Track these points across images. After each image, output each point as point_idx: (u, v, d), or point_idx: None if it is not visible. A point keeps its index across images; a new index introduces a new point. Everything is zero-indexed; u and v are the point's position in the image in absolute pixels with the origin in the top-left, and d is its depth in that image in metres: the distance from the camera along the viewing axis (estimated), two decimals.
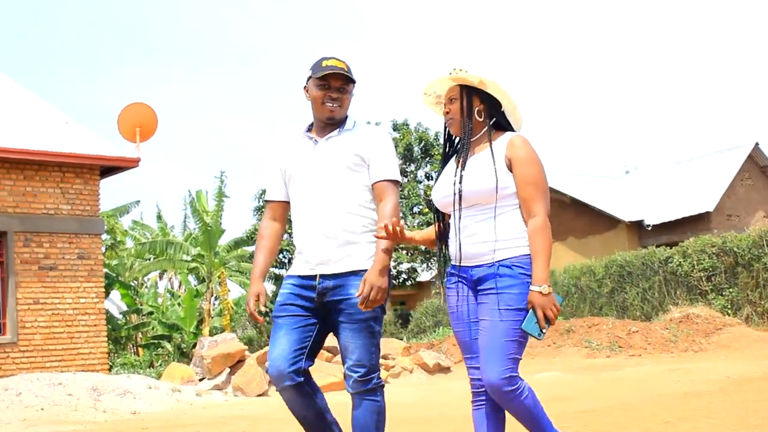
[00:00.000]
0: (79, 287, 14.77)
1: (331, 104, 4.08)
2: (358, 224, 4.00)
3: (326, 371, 12.85)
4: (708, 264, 19.71)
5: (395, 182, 4.09)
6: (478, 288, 3.74)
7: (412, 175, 27.68)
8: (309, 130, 4.22)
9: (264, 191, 28.44)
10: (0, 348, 13.90)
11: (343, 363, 4.00)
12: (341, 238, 3.97)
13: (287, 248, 26.90)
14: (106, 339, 15.13)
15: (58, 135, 15.15)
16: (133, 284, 28.87)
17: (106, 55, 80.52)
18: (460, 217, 3.78)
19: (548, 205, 3.73)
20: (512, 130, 3.90)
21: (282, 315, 4.02)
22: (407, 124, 28.30)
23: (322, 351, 14.26)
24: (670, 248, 21.03)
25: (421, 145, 27.54)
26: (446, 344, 18.17)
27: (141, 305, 27.62)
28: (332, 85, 4.10)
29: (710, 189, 28.32)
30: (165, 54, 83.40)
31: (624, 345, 16.41)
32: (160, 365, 21.79)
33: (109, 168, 15.43)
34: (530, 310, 3.58)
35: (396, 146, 27.39)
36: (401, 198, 27.75)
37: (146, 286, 31.08)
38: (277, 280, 27.87)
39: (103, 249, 24.18)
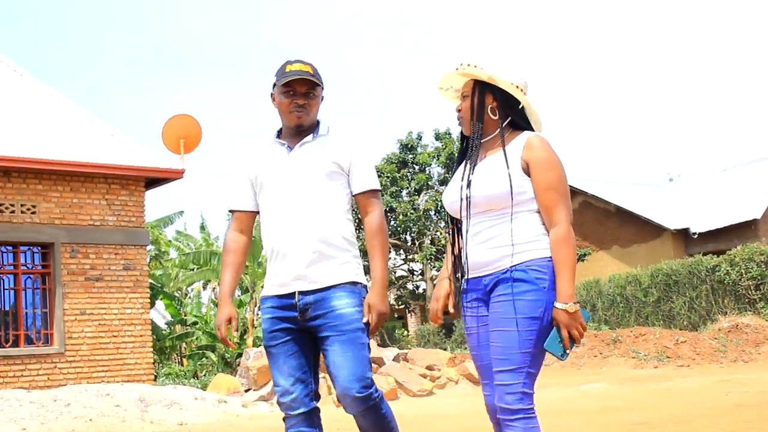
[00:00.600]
0: (124, 298, 14.86)
1: (297, 111, 3.81)
2: (336, 235, 3.76)
3: None
4: (756, 272, 19.42)
5: (378, 191, 3.89)
6: (491, 296, 3.42)
7: None
8: (279, 136, 3.94)
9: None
10: (48, 358, 14.02)
11: (334, 383, 3.69)
12: (318, 250, 3.72)
13: None
14: (151, 349, 15.21)
15: (103, 147, 15.27)
16: (177, 294, 29.04)
17: (150, 67, 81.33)
18: (469, 224, 3.47)
19: (571, 213, 3.43)
20: (531, 130, 3.58)
21: (273, 344, 3.79)
22: (449, 134, 28.28)
23: None
24: (717, 256, 20.75)
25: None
26: None
27: (185, 315, 27.76)
28: (297, 91, 3.82)
29: (757, 196, 27.90)
30: (209, 65, 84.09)
31: (672, 355, 16.21)
32: (205, 375, 21.87)
33: (154, 179, 15.53)
34: (554, 328, 3.28)
35: (438, 155, 27.43)
36: (440, 209, 27.66)
37: (190, 297, 31.25)
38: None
39: (148, 259, 24.38)
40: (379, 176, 25.51)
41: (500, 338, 3.32)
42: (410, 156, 28.87)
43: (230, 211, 4.02)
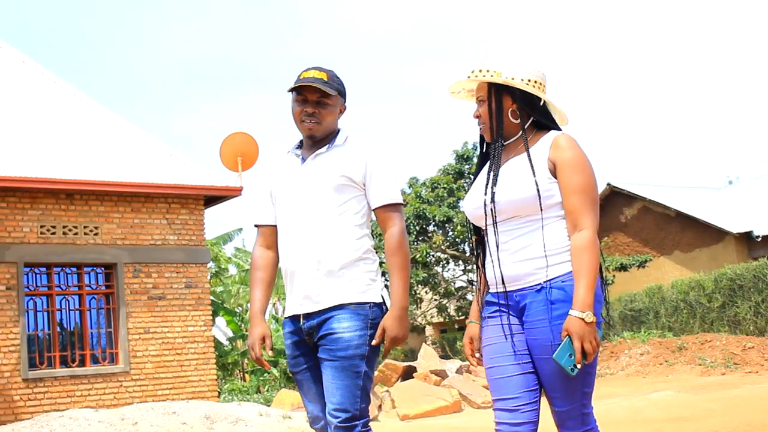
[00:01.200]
0: (187, 316, 14.98)
1: (308, 121, 3.62)
2: (346, 252, 3.54)
3: (435, 395, 12.75)
4: None
5: (398, 205, 3.62)
6: (525, 319, 3.18)
7: None
8: (299, 146, 3.77)
9: None
10: (113, 377, 14.18)
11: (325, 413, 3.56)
12: (326, 268, 3.53)
13: None
14: (214, 366, 15.32)
15: (162, 167, 15.44)
16: (237, 311, 29.25)
17: (206, 84, 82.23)
18: (496, 233, 3.24)
19: (597, 218, 3.16)
20: (557, 128, 3.35)
21: (297, 371, 3.66)
22: None
23: (429, 374, 14.18)
24: None
25: None
26: None
27: (246, 331, 27.92)
28: (309, 99, 3.61)
29: None
30: (265, 81, 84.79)
31: (740, 362, 15.90)
32: (267, 391, 21.97)
33: (213, 197, 15.65)
34: (567, 339, 3.00)
35: None
36: None
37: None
38: None
39: (209, 277, 24.58)
40: (435, 187, 25.71)
41: (548, 366, 3.12)
42: (466, 166, 28.79)
43: (255, 226, 3.85)
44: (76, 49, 78.01)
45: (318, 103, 3.61)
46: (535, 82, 3.30)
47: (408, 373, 14.30)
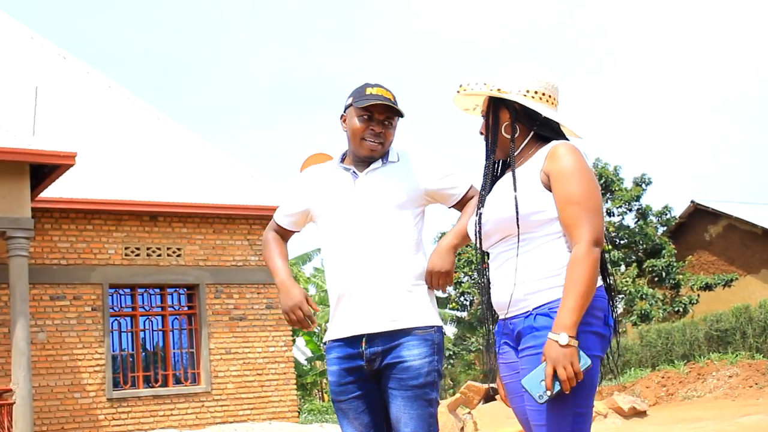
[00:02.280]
0: (267, 336, 15.05)
1: (372, 141, 3.44)
2: (409, 273, 3.40)
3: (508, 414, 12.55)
4: None
5: (473, 187, 3.56)
6: (519, 346, 2.91)
7: None
8: (343, 160, 3.58)
9: (442, 234, 28.69)
10: (195, 397, 14.29)
11: None
12: (389, 290, 3.36)
13: None
14: (295, 387, 15.35)
15: (244, 188, 15.58)
16: (316, 330, 29.34)
17: (289, 107, 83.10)
18: (485, 256, 3.05)
19: (598, 232, 2.81)
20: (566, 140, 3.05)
21: (344, 399, 3.46)
22: None
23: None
24: None
25: (602, 181, 26.90)
26: (639, 386, 17.51)
27: (325, 350, 28.03)
28: (376, 118, 3.44)
29: None
30: (341, 101, 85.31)
31: None
32: None
33: None
34: (542, 364, 2.70)
35: None
36: None
37: None
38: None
39: None
40: None
41: (529, 399, 2.80)
42: None
43: (274, 220, 3.74)
44: (160, 72, 79.58)
45: (384, 123, 3.46)
46: (536, 92, 3.02)
47: (490, 396, 14.12)
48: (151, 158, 15.61)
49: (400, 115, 3.49)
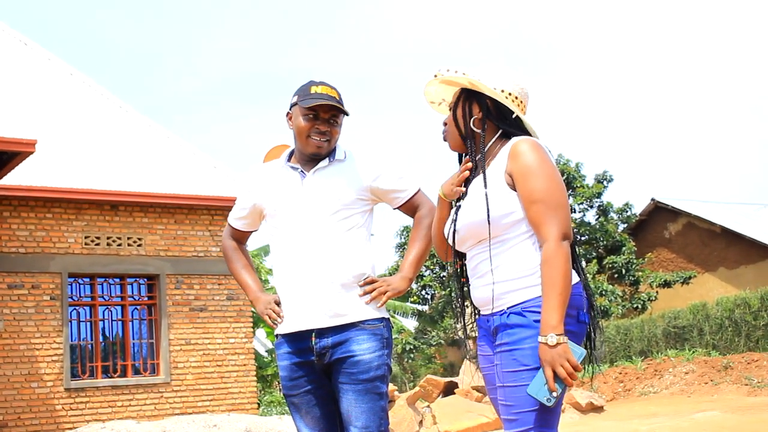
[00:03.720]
0: (228, 327, 15.00)
1: (318, 138, 3.47)
2: (356, 269, 3.45)
3: (477, 411, 12.63)
4: None
5: (419, 191, 3.59)
6: (495, 343, 2.95)
7: None
8: (290, 159, 3.61)
9: (405, 228, 28.72)
10: (154, 388, 14.22)
11: None
12: (337, 285, 3.41)
13: None
14: (255, 378, 15.31)
15: (206, 179, 15.50)
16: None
17: (250, 99, 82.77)
18: (459, 259, 3.09)
19: (565, 226, 2.82)
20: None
21: (295, 394, 3.50)
22: None
23: (471, 390, 14.06)
24: None
25: (563, 177, 27.04)
26: (597, 382, 17.69)
27: None
28: (321, 117, 3.48)
29: None
30: None
31: None
32: None
33: None
34: (541, 369, 2.75)
35: None
36: None
37: None
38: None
39: None
40: None
41: (504, 396, 2.86)
42: None
43: (228, 223, 3.81)
44: (122, 61, 78.91)
45: (329, 121, 3.49)
46: (509, 93, 3.02)
47: (449, 389, 14.19)
48: (112, 147, 15.48)
49: (345, 113, 3.53)
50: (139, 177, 14.80)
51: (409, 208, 3.61)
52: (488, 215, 2.90)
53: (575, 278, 2.91)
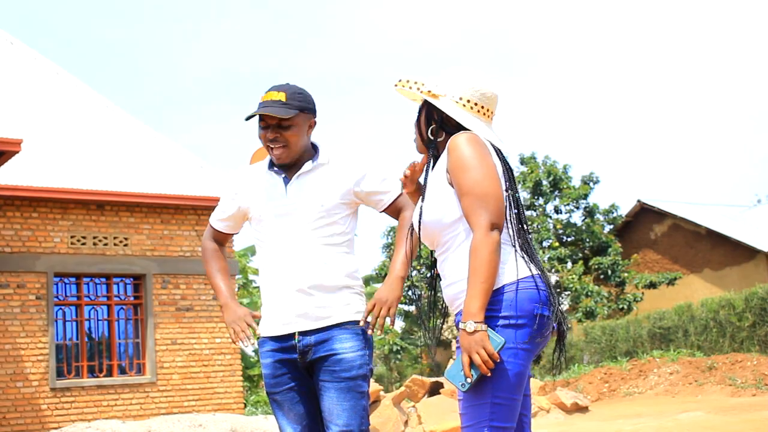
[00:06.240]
0: (214, 327, 15.00)
1: (273, 147, 3.42)
2: (340, 272, 3.47)
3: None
4: None
5: (403, 193, 3.52)
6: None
7: (540, 209, 27.29)
8: (272, 165, 3.56)
9: (392, 229, 28.74)
10: (140, 388, 14.21)
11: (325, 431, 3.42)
12: (320, 289, 3.43)
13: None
14: (241, 378, 15.32)
15: (193, 179, 15.50)
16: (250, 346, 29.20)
17: (236, 98, 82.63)
18: (427, 258, 3.14)
19: (494, 216, 2.82)
20: None
21: (277, 392, 3.51)
22: (535, 158, 27.95)
23: (449, 389, 14.08)
24: None
25: (550, 178, 27.14)
26: (582, 382, 17.74)
27: None
28: (269, 124, 3.41)
29: None
30: None
31: None
32: None
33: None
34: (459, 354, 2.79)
35: (524, 180, 27.12)
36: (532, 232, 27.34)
37: None
38: None
39: (236, 288, 24.59)
40: None
41: (458, 391, 2.88)
42: None
43: (210, 224, 3.78)
44: (109, 61, 78.70)
45: (279, 127, 3.40)
46: (468, 101, 3.04)
47: (435, 389, 14.21)
48: (98, 146, 15.46)
49: (298, 112, 3.41)
50: (126, 176, 14.79)
51: (394, 210, 3.58)
52: (419, 220, 2.98)
53: (525, 272, 2.91)
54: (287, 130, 3.40)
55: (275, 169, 3.53)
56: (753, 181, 71.76)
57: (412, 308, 29.18)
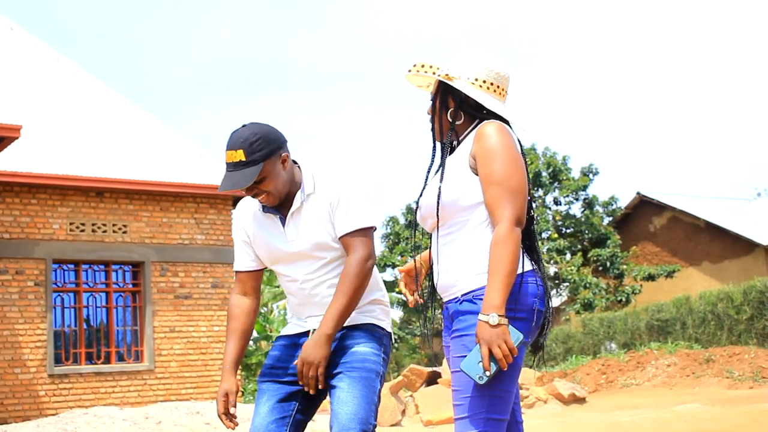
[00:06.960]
0: (212, 315, 15.01)
1: (257, 199, 3.36)
2: (361, 300, 3.36)
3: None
4: None
5: (364, 230, 3.31)
6: (451, 330, 2.95)
7: (540, 201, 27.30)
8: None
9: (391, 219, 28.77)
10: (138, 375, 14.22)
11: (332, 422, 3.24)
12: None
13: None
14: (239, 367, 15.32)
15: (192, 166, 15.48)
16: (262, 311, 29.26)
17: (237, 87, 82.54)
18: (432, 240, 3.05)
19: (520, 212, 2.83)
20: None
21: (265, 380, 3.42)
22: (534, 149, 27.96)
23: (447, 379, 14.11)
24: None
25: (550, 170, 27.15)
26: (580, 373, 17.76)
27: (271, 332, 27.97)
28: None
29: None
30: (293, 83, 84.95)
31: None
32: None
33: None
34: (477, 346, 2.74)
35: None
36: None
37: (275, 313, 31.49)
38: None
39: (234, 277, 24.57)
40: None
41: (454, 381, 2.86)
42: None
43: (235, 271, 3.60)
44: (110, 48, 78.59)
45: (253, 184, 3.27)
46: (483, 81, 3.01)
47: (432, 379, 14.23)
48: (98, 133, 15.44)
49: (252, 182, 3.25)
50: (125, 164, 14.77)
51: (346, 243, 3.34)
52: (438, 201, 2.93)
53: (528, 266, 2.92)
54: (261, 183, 3.27)
55: (270, 210, 3.43)
56: (753, 175, 71.75)
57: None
